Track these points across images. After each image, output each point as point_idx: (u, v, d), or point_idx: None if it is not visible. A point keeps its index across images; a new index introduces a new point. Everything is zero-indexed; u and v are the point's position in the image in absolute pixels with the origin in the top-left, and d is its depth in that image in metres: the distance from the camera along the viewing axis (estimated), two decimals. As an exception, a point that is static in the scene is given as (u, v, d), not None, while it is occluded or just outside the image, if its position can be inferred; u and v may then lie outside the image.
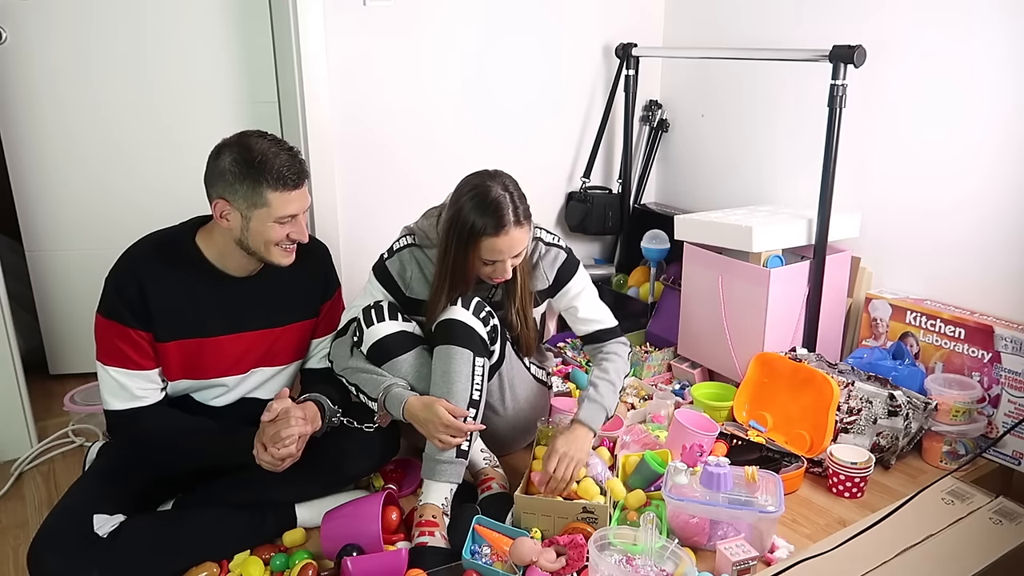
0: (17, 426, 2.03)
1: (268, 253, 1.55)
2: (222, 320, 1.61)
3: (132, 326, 1.52)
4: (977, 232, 2.06)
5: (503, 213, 1.59)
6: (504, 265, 1.65)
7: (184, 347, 1.58)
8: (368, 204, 2.46)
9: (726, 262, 2.24)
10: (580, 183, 2.83)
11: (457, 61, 2.51)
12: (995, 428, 1.95)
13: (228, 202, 1.50)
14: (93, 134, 2.28)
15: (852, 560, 1.49)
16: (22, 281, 2.37)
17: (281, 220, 1.51)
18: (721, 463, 1.59)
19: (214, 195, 1.51)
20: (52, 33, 2.18)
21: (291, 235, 1.55)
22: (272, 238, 1.53)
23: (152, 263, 1.55)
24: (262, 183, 1.47)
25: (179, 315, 1.56)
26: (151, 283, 1.53)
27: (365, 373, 1.69)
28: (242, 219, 1.51)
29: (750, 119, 2.62)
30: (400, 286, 1.79)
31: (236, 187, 1.48)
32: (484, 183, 1.62)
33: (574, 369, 2.43)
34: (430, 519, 1.58)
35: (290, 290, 1.68)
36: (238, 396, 1.71)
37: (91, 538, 1.43)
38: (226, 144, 1.51)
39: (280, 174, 1.48)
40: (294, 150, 1.53)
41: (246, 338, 1.64)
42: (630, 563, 1.44)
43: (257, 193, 1.48)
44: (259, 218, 1.50)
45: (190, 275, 1.57)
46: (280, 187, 1.48)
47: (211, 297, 1.59)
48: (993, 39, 1.96)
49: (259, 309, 1.65)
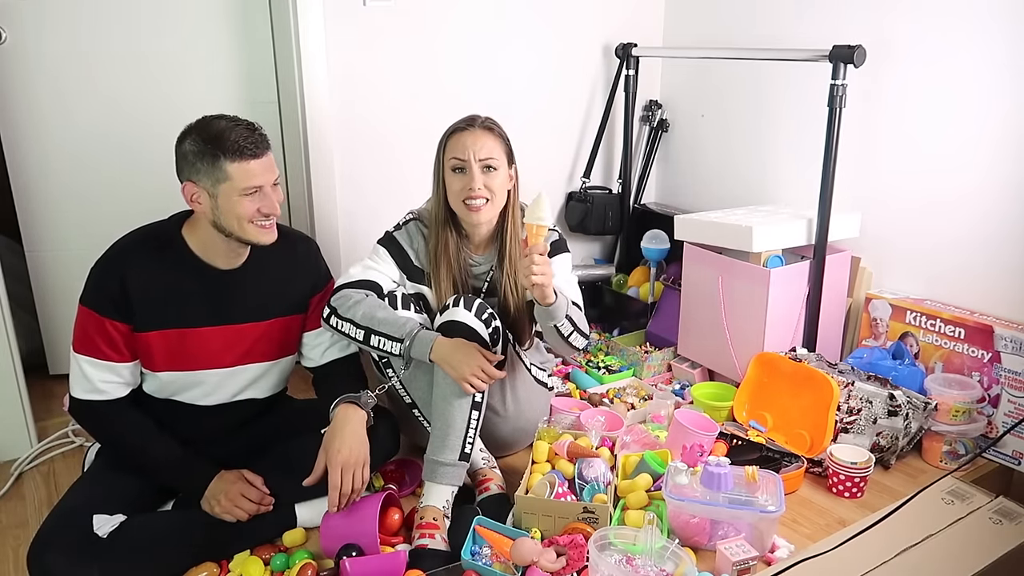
0: (17, 426, 2.03)
1: (243, 231, 1.54)
2: (205, 311, 1.61)
3: (110, 316, 1.54)
4: (977, 232, 2.06)
5: (472, 117, 1.77)
6: (472, 172, 1.70)
7: (166, 337, 1.59)
8: (368, 204, 2.46)
9: (726, 262, 2.24)
10: (580, 183, 2.83)
11: (457, 61, 2.51)
12: (995, 428, 1.95)
13: (194, 183, 1.51)
14: (93, 134, 2.28)
15: (852, 560, 1.49)
16: (22, 281, 2.37)
17: (246, 191, 1.50)
18: (721, 463, 1.59)
19: (182, 179, 1.53)
20: (52, 33, 2.18)
21: (262, 208, 1.53)
22: (242, 213, 1.52)
23: (136, 254, 1.56)
24: (220, 156, 1.48)
25: (161, 305, 1.56)
26: (134, 273, 1.54)
27: (382, 312, 1.69)
28: (210, 198, 1.51)
29: (750, 119, 2.62)
30: (410, 255, 1.83)
31: (198, 165, 1.49)
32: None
33: (574, 369, 2.43)
34: (431, 521, 1.58)
35: (276, 284, 1.68)
36: (230, 395, 1.70)
37: (91, 538, 1.43)
38: (188, 129, 1.53)
39: (236, 144, 1.48)
40: (254, 124, 1.54)
41: (231, 330, 1.64)
42: (630, 563, 1.44)
43: (218, 168, 1.49)
44: (225, 193, 1.50)
45: (175, 266, 1.58)
46: (237, 157, 1.49)
47: (195, 288, 1.59)
48: (991, 39, 1.96)
49: (244, 302, 1.65)
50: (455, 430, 1.64)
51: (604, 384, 2.33)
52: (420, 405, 1.80)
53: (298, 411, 1.85)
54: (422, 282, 1.84)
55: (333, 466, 1.55)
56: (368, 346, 1.69)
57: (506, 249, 1.81)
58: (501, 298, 1.82)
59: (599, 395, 2.24)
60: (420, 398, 1.79)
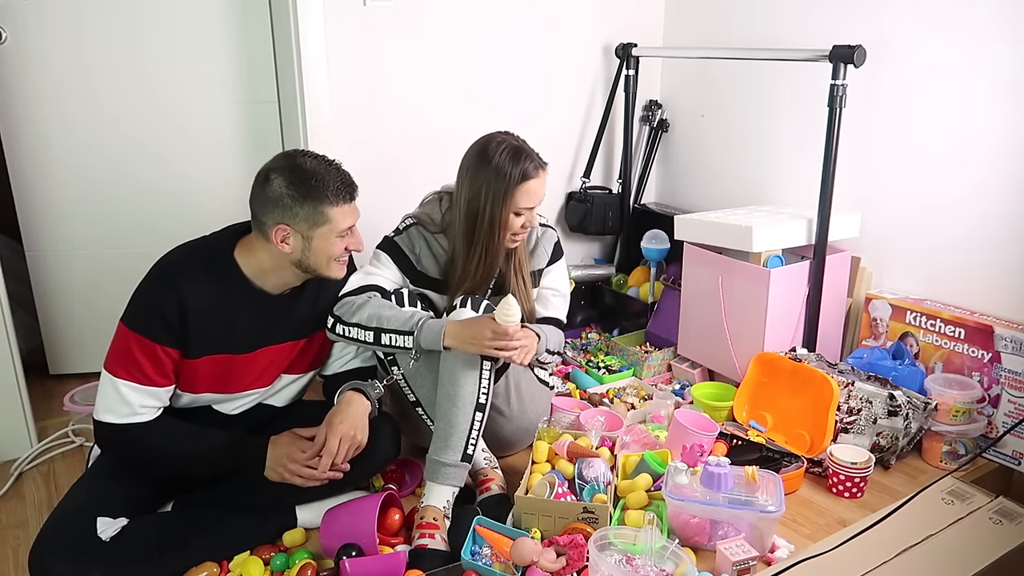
0: (17, 426, 2.03)
1: (329, 270, 1.58)
2: (255, 336, 1.60)
3: (163, 343, 1.48)
4: (977, 231, 2.06)
5: (529, 160, 1.72)
6: (533, 212, 1.76)
7: (214, 362, 1.57)
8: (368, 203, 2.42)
9: (726, 262, 2.24)
10: (580, 183, 2.83)
11: (457, 61, 2.51)
12: (995, 428, 1.95)
13: (289, 226, 1.50)
14: (93, 134, 2.28)
15: (852, 560, 1.49)
16: (22, 281, 2.37)
17: (342, 234, 1.55)
18: (721, 463, 1.59)
19: (270, 222, 1.50)
20: (52, 34, 2.18)
21: (349, 247, 1.59)
22: (334, 253, 1.56)
23: (192, 279, 1.51)
24: (322, 201, 1.50)
25: (214, 332, 1.54)
26: (192, 300, 1.49)
27: (389, 310, 1.70)
28: (303, 240, 1.52)
29: (750, 119, 2.62)
30: (412, 259, 1.84)
31: (296, 210, 1.49)
32: (498, 140, 1.73)
33: (574, 369, 2.44)
34: (431, 521, 1.58)
35: (311, 302, 1.68)
36: (255, 402, 1.71)
37: (94, 541, 1.43)
38: (273, 168, 1.51)
39: (338, 190, 1.52)
40: (337, 163, 1.56)
41: (272, 351, 1.64)
42: (630, 563, 1.44)
43: (319, 212, 1.50)
44: (321, 236, 1.52)
45: (229, 290, 1.55)
46: (339, 202, 1.52)
47: (246, 314, 1.57)
48: (992, 39, 1.96)
49: (287, 324, 1.65)
50: (458, 431, 1.64)
51: (604, 384, 2.33)
52: (424, 404, 1.80)
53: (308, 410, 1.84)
54: (426, 286, 1.85)
55: (333, 433, 1.57)
56: (379, 345, 1.69)
57: (515, 251, 1.84)
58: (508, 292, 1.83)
59: (599, 395, 2.24)
60: (424, 396, 1.79)
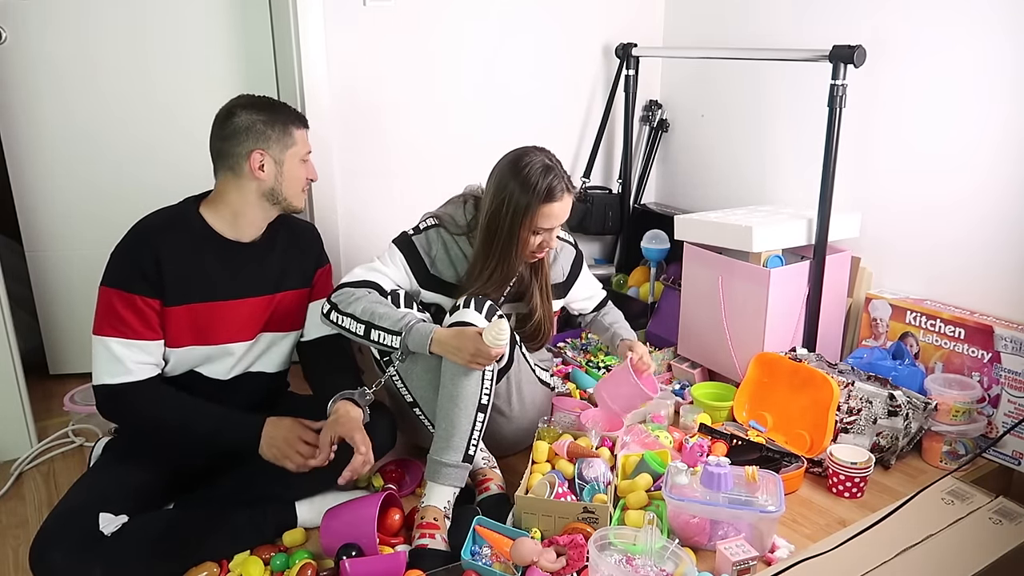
0: (17, 426, 2.02)
1: (298, 199, 1.68)
2: (229, 284, 1.65)
3: (141, 293, 1.54)
4: (977, 231, 2.06)
5: (557, 181, 1.71)
6: (551, 234, 1.76)
7: (194, 311, 1.61)
8: (368, 203, 2.46)
9: (726, 262, 2.24)
10: (580, 183, 2.83)
11: (457, 61, 2.51)
12: (995, 428, 1.95)
13: (263, 151, 1.59)
14: (93, 134, 2.28)
15: (852, 560, 1.49)
16: (22, 281, 2.37)
17: (305, 158, 1.67)
18: (721, 463, 1.59)
19: (243, 151, 1.59)
20: (52, 33, 2.18)
21: (309, 175, 1.70)
22: (302, 178, 1.67)
23: (163, 230, 1.59)
24: (288, 123, 1.62)
25: (190, 280, 1.60)
26: (165, 249, 1.56)
27: (383, 307, 1.70)
28: (275, 165, 1.61)
29: (750, 119, 2.62)
30: (425, 262, 1.83)
31: (268, 133, 1.59)
32: (531, 156, 1.72)
33: (574, 369, 2.43)
34: (431, 521, 1.58)
35: (287, 258, 1.74)
36: (244, 367, 1.73)
37: (95, 536, 1.43)
38: (235, 105, 1.61)
39: (297, 115, 1.66)
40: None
41: (250, 303, 1.69)
42: (630, 563, 1.44)
43: (287, 133, 1.62)
44: (291, 158, 1.63)
45: (199, 241, 1.62)
46: (300, 125, 1.66)
47: (219, 262, 1.64)
48: (992, 38, 1.96)
49: (262, 274, 1.70)
50: (460, 431, 1.64)
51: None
52: (421, 403, 1.79)
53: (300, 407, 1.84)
54: (438, 290, 1.84)
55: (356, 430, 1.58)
56: (368, 340, 1.69)
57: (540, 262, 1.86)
58: (528, 302, 1.84)
59: (599, 395, 2.24)
60: (421, 396, 1.79)
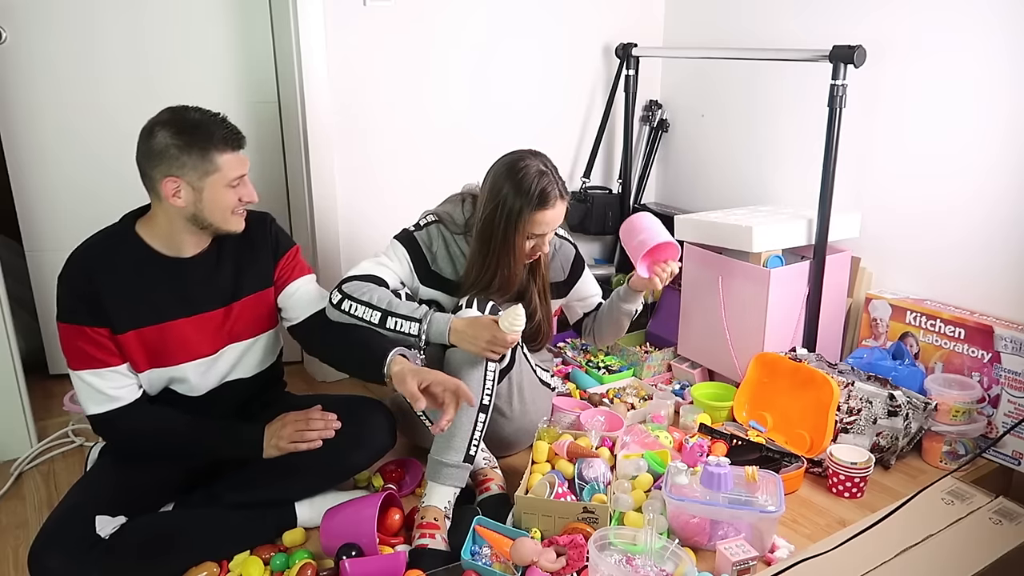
0: (17, 426, 2.03)
1: (227, 223, 1.56)
2: (176, 303, 1.58)
3: (88, 324, 1.50)
4: (977, 232, 2.06)
5: (551, 187, 1.72)
6: (545, 239, 1.78)
7: (143, 335, 1.55)
8: (368, 203, 2.46)
9: (726, 262, 2.24)
10: (580, 183, 2.83)
11: (457, 61, 2.51)
12: (995, 428, 1.95)
13: (178, 178, 1.48)
14: (93, 134, 2.28)
15: (852, 560, 1.49)
16: (22, 281, 2.37)
17: (232, 183, 1.52)
18: (721, 463, 1.59)
19: (159, 175, 1.49)
20: (52, 33, 2.18)
21: (243, 197, 1.56)
22: (228, 204, 1.53)
23: (99, 258, 1.53)
24: (210, 148, 1.48)
25: (133, 304, 1.53)
26: (101, 276, 1.51)
27: (396, 297, 1.71)
28: (194, 192, 1.50)
29: (750, 119, 2.62)
30: (427, 257, 1.83)
31: (183, 159, 1.47)
32: (526, 161, 1.73)
33: (574, 369, 2.43)
34: (432, 521, 1.58)
35: (239, 264, 1.66)
36: (217, 380, 1.68)
37: (93, 539, 1.43)
38: (158, 121, 1.50)
39: (226, 137, 1.50)
40: (224, 115, 1.53)
41: (204, 319, 1.62)
42: (630, 563, 1.44)
43: (207, 160, 1.48)
44: (212, 185, 1.50)
45: (138, 263, 1.55)
46: (227, 149, 1.50)
47: (162, 283, 1.56)
48: (992, 38, 1.96)
49: (212, 288, 1.62)
50: (462, 432, 1.64)
51: (604, 384, 2.33)
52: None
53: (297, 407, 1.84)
54: (437, 287, 1.85)
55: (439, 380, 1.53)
56: (384, 328, 1.68)
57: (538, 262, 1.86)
58: (527, 304, 1.84)
59: (599, 395, 2.23)
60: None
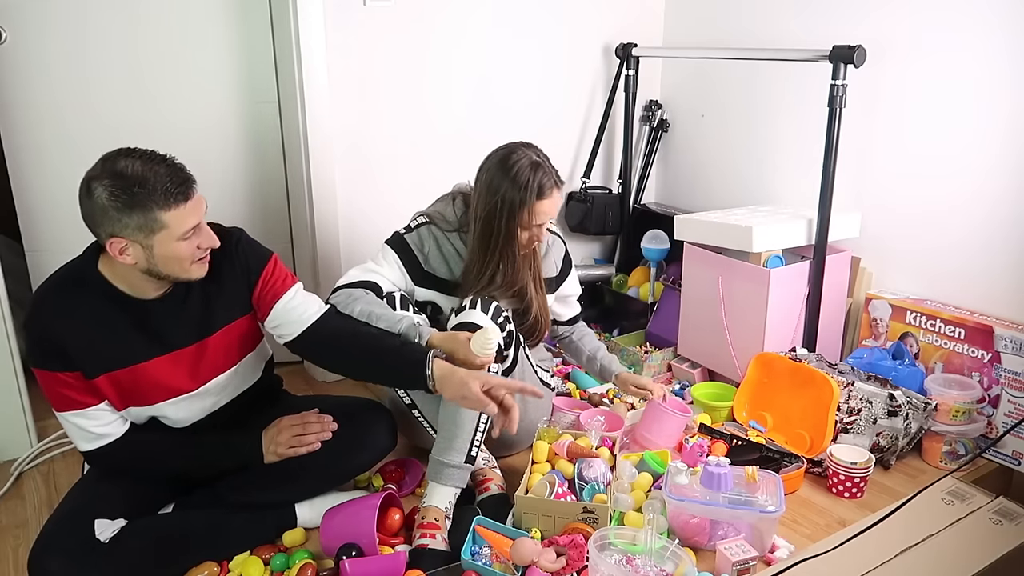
0: (17, 426, 2.03)
1: (186, 272, 1.45)
2: (146, 345, 1.49)
3: (60, 370, 1.43)
4: (977, 232, 2.06)
5: (547, 177, 1.73)
6: (543, 228, 1.78)
7: (115, 379, 1.47)
8: (368, 203, 2.46)
9: (726, 262, 2.24)
10: (580, 183, 2.83)
11: (457, 61, 2.51)
12: (995, 428, 1.95)
13: (122, 238, 1.37)
14: (93, 134, 2.27)
15: (852, 560, 1.49)
16: (22, 281, 2.37)
17: (185, 236, 1.40)
18: (721, 463, 1.59)
19: (103, 235, 1.38)
20: (52, 33, 2.18)
21: (201, 245, 1.44)
22: (184, 255, 1.41)
23: (56, 304, 1.44)
24: (151, 208, 1.35)
25: (98, 349, 1.45)
26: (59, 323, 1.42)
27: (380, 308, 1.69)
28: (143, 249, 1.38)
29: (750, 119, 2.62)
30: (419, 259, 1.83)
31: (125, 220, 1.35)
32: (518, 154, 1.72)
33: (574, 369, 2.43)
34: (432, 521, 1.58)
35: (210, 295, 1.55)
36: (203, 412, 1.62)
37: (92, 543, 1.43)
38: (93, 176, 1.37)
39: (168, 192, 1.35)
40: (168, 158, 1.40)
41: (179, 355, 1.53)
42: (630, 563, 1.44)
43: (151, 220, 1.35)
44: (162, 243, 1.38)
45: (100, 306, 1.45)
46: (173, 204, 1.36)
47: (127, 324, 1.47)
48: (992, 39, 1.96)
49: (183, 325, 1.52)
50: (463, 432, 1.64)
51: (604, 384, 2.33)
52: (420, 406, 1.80)
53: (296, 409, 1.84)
54: (432, 287, 1.84)
55: (504, 383, 1.51)
56: None
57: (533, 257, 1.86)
58: (523, 297, 1.84)
59: (599, 395, 2.24)
60: (419, 399, 1.79)
